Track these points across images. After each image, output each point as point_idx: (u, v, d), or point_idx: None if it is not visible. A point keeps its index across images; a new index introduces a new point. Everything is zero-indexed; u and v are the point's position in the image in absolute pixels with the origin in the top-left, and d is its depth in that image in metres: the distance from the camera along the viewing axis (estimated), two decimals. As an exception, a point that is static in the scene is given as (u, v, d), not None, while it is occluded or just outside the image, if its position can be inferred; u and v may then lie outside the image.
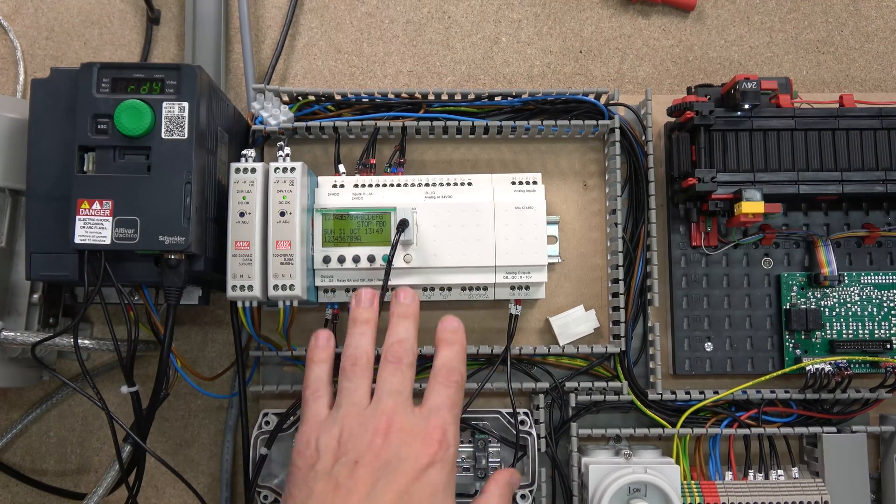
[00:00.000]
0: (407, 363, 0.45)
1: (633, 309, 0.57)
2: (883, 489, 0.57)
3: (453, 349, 0.47)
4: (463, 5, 0.65)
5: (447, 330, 0.47)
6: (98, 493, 0.53)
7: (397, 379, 0.44)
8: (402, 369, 0.45)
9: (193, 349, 0.62)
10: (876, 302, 0.58)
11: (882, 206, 0.59)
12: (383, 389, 0.44)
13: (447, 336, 0.47)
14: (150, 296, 0.51)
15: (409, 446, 0.42)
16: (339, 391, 0.45)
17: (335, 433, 0.43)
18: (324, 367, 0.47)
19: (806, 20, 0.65)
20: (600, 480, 0.53)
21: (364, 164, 0.57)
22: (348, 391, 0.44)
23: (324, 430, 0.43)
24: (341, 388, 0.45)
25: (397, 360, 0.45)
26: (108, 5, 0.65)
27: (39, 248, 0.49)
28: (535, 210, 0.54)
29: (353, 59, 0.65)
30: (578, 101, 0.58)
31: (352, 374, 0.45)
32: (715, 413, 0.57)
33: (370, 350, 0.46)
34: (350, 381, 0.45)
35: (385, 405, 0.43)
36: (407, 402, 0.44)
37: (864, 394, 0.56)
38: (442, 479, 0.42)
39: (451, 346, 0.47)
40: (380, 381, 0.44)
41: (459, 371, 0.46)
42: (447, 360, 0.46)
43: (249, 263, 0.50)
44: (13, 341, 0.50)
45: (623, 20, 0.65)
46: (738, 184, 0.55)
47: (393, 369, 0.44)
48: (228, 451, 0.60)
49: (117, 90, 0.48)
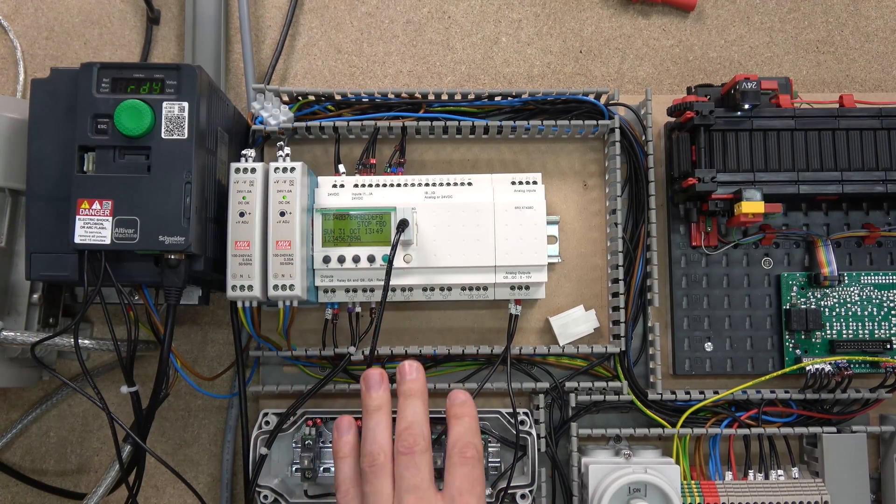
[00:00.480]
0: (420, 450, 0.44)
1: (633, 309, 0.57)
2: (883, 489, 0.57)
3: (464, 423, 0.46)
4: (463, 5, 0.65)
5: (455, 404, 0.47)
6: (98, 493, 0.53)
7: (412, 473, 0.44)
8: (415, 460, 0.44)
9: (193, 349, 0.62)
10: (876, 302, 0.58)
11: (882, 206, 0.59)
12: (402, 488, 0.44)
13: (456, 411, 0.47)
14: (150, 296, 0.51)
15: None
16: (364, 495, 0.45)
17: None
18: (350, 462, 0.47)
19: (806, 20, 0.65)
20: (600, 480, 0.52)
21: (364, 164, 0.57)
22: (371, 496, 0.44)
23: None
24: (365, 493, 0.45)
25: (409, 450, 0.44)
26: (108, 5, 0.65)
27: (39, 248, 0.49)
28: (535, 210, 0.54)
29: (353, 59, 0.65)
30: (578, 101, 0.58)
31: (372, 474, 0.44)
32: (715, 413, 0.57)
33: (386, 444, 0.45)
34: (371, 484, 0.44)
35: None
36: (427, 493, 0.44)
37: (864, 394, 0.56)
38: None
39: (461, 421, 0.46)
40: (398, 480, 0.44)
41: (474, 445, 0.45)
42: (459, 437, 0.46)
43: (249, 263, 0.50)
44: (13, 341, 0.50)
45: (623, 20, 0.65)
46: (738, 184, 0.55)
47: (407, 462, 0.44)
48: (228, 451, 0.60)
49: (117, 90, 0.48)
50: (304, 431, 0.56)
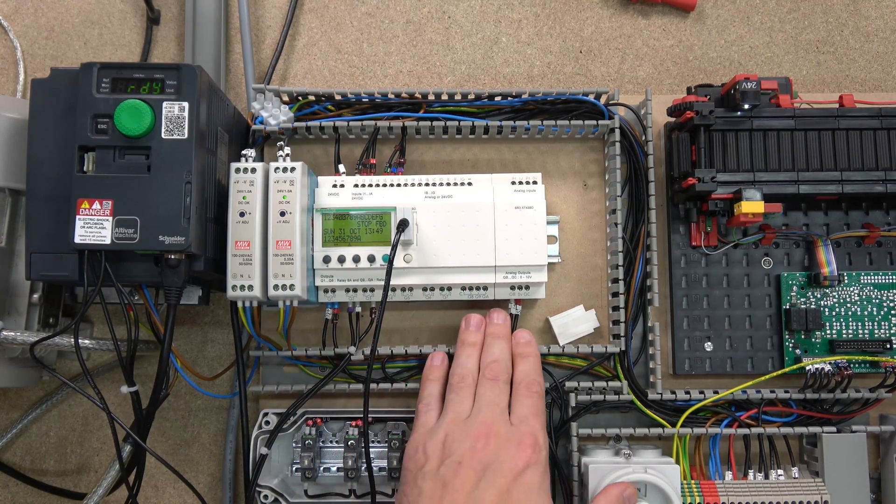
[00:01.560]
0: (503, 381, 0.51)
1: (633, 309, 0.57)
2: (883, 489, 0.57)
3: (529, 362, 0.52)
4: (463, 5, 0.65)
5: (520, 344, 0.53)
6: (98, 493, 0.53)
7: (494, 393, 0.50)
8: (498, 385, 0.50)
9: (193, 349, 0.62)
10: (876, 302, 0.58)
11: (882, 205, 0.59)
12: (482, 402, 0.49)
13: (521, 350, 0.53)
14: (150, 296, 0.51)
15: (507, 450, 0.47)
16: (447, 402, 0.51)
17: (440, 438, 0.48)
18: (437, 385, 0.53)
19: (806, 20, 0.65)
20: (600, 480, 0.52)
21: (364, 164, 0.57)
22: (454, 403, 0.50)
23: (430, 436, 0.49)
24: (448, 400, 0.51)
25: (494, 377, 0.51)
26: (108, 5, 0.65)
27: (39, 248, 0.49)
28: (535, 210, 0.54)
29: (353, 59, 0.65)
30: (578, 101, 0.58)
31: (458, 388, 0.51)
32: (715, 413, 0.57)
33: (475, 370, 0.52)
34: (456, 395, 0.50)
35: (484, 415, 0.48)
36: (503, 412, 0.49)
37: (864, 394, 0.56)
38: (536, 480, 0.46)
39: (526, 360, 0.52)
40: (479, 395, 0.50)
41: (538, 382, 0.51)
42: (525, 374, 0.52)
43: (249, 263, 0.50)
44: (13, 341, 0.50)
45: (623, 20, 0.65)
46: (737, 184, 0.55)
47: (490, 385, 0.50)
48: (229, 451, 0.60)
49: (117, 90, 0.48)
50: (304, 431, 0.56)
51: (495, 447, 0.47)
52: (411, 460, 0.48)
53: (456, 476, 0.45)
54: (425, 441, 0.48)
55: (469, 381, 0.51)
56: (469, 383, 0.51)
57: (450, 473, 0.46)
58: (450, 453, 0.47)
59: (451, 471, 0.46)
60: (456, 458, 0.46)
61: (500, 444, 0.47)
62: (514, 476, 0.45)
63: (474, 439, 0.47)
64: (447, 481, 0.45)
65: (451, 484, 0.45)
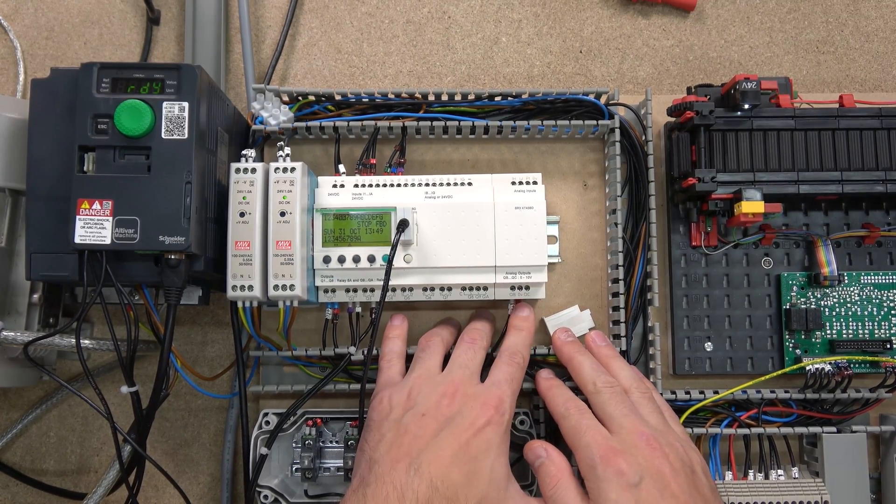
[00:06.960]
0: (479, 346, 0.51)
1: (632, 309, 0.57)
2: (883, 489, 0.57)
3: (520, 335, 0.53)
4: (463, 5, 0.65)
5: (518, 317, 0.54)
6: (98, 493, 0.53)
7: (468, 356, 0.50)
8: (474, 349, 0.51)
9: (193, 349, 0.62)
10: (876, 302, 0.58)
11: (882, 205, 0.59)
12: (455, 362, 0.50)
13: (517, 322, 0.54)
14: (150, 296, 0.51)
15: (471, 407, 0.47)
16: (415, 360, 0.51)
17: (406, 391, 0.48)
18: (397, 342, 0.53)
19: (806, 20, 0.65)
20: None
21: (364, 164, 0.57)
22: (422, 360, 0.51)
23: (396, 389, 0.49)
24: (416, 358, 0.51)
25: (472, 341, 0.51)
26: (108, 5, 0.65)
27: (39, 248, 0.49)
28: (535, 210, 0.54)
29: (353, 59, 0.65)
30: (578, 101, 0.58)
31: (426, 346, 0.52)
32: (715, 413, 0.57)
33: (449, 339, 0.53)
34: (424, 353, 0.51)
35: (454, 375, 0.49)
36: (474, 375, 0.50)
37: (864, 394, 0.56)
38: (496, 438, 0.46)
39: (518, 332, 0.53)
40: (454, 356, 0.51)
41: (522, 354, 0.52)
42: (513, 344, 0.52)
43: (249, 263, 0.50)
44: (13, 341, 0.50)
45: (623, 20, 0.65)
46: (738, 184, 0.55)
47: (466, 347, 0.51)
48: (228, 451, 0.60)
49: (117, 90, 0.48)
50: (304, 431, 0.56)
51: (460, 404, 0.47)
52: (375, 410, 0.48)
53: (418, 425, 0.46)
54: (391, 393, 0.49)
55: (437, 341, 0.52)
56: (437, 343, 0.51)
57: (413, 422, 0.46)
58: (414, 404, 0.47)
59: (415, 420, 0.46)
60: (420, 410, 0.47)
61: (465, 401, 0.47)
62: (475, 431, 0.46)
63: (440, 395, 0.47)
64: (409, 429, 0.46)
65: (412, 431, 0.46)
